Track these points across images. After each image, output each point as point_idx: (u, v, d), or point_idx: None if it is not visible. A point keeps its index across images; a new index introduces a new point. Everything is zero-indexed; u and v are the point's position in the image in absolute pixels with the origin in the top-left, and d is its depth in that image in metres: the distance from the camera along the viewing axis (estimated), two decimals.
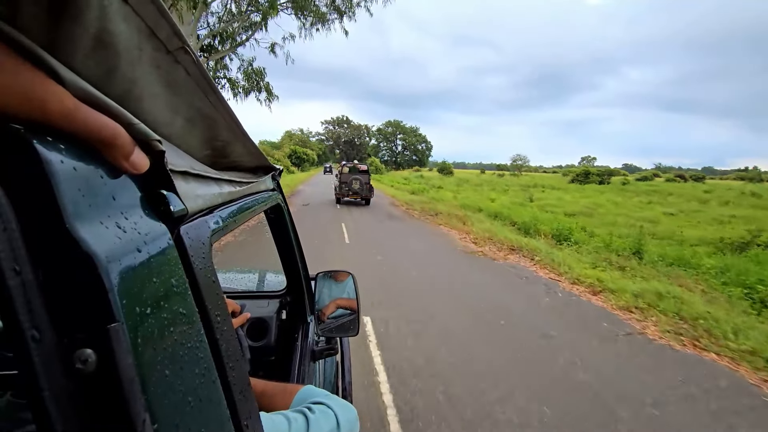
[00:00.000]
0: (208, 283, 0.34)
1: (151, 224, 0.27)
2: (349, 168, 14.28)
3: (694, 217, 17.70)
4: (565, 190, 32.00)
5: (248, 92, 10.93)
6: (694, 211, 19.99)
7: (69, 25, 0.18)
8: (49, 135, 0.19)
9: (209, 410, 0.31)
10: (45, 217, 0.19)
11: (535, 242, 7.46)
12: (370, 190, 13.67)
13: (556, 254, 6.44)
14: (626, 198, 25.94)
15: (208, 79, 0.33)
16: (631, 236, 10.29)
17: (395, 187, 25.90)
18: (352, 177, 13.49)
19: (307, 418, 0.54)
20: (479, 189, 29.59)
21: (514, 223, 10.26)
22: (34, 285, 0.18)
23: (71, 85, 0.20)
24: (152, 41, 0.24)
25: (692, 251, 7.42)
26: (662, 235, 11.35)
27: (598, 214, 16.53)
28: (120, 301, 0.21)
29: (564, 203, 19.95)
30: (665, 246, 8.04)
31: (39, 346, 0.18)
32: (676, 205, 22.24)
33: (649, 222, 15.01)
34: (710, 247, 9.27)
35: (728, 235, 10.50)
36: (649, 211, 18.55)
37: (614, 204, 21.52)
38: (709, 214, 18.91)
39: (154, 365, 0.24)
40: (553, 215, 13.31)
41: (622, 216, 16.24)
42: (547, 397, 2.57)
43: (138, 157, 0.25)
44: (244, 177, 0.63)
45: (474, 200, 17.54)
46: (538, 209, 16.59)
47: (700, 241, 10.32)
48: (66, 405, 0.19)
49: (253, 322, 1.26)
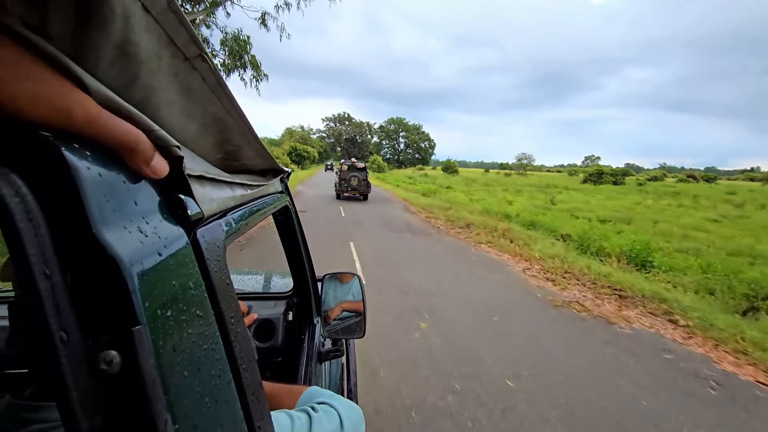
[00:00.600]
0: (223, 286, 0.35)
1: (170, 228, 0.28)
2: (347, 166, 14.97)
3: (742, 224, 15.58)
4: (582, 191, 29.89)
5: (231, 70, 8.79)
6: (738, 217, 17.88)
7: (94, 35, 0.19)
8: (75, 142, 0.20)
9: (225, 411, 0.31)
10: (73, 222, 0.19)
11: (634, 278, 5.21)
12: (367, 186, 14.51)
13: (690, 304, 4.09)
14: (653, 200, 23.84)
15: (222, 84, 0.32)
16: (702, 251, 8.33)
17: (403, 188, 23.83)
18: (351, 174, 14.34)
19: (311, 417, 0.54)
20: (491, 189, 27.49)
21: (562, 237, 8.20)
22: (63, 288, 0.19)
23: (95, 92, 0.20)
24: (171, 49, 0.24)
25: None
26: (733, 250, 9.26)
27: (636, 220, 14.42)
28: (143, 304, 0.21)
29: (591, 207, 17.86)
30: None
31: (67, 348, 0.18)
32: (712, 210, 20.11)
33: (695, 230, 12.95)
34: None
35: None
36: (688, 217, 16.41)
37: (645, 207, 19.45)
38: (756, 220, 16.82)
39: (174, 367, 0.24)
40: (588, 222, 11.33)
41: (663, 222, 14.14)
42: None
43: (158, 163, 0.26)
44: (255, 180, 0.64)
45: (491, 203, 15.53)
46: (564, 213, 14.59)
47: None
48: (92, 405, 0.19)
49: (260, 323, 1.27)
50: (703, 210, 19.64)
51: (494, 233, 8.06)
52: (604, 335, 3.54)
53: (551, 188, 31.65)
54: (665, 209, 19.10)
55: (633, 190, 32.96)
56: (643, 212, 17.07)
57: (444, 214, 10.82)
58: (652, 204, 20.85)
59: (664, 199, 24.85)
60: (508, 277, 5.34)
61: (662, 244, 8.16)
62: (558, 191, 28.23)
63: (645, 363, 3.05)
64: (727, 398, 2.65)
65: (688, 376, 2.90)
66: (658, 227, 12.72)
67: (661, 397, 2.60)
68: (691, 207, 21.09)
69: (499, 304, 4.18)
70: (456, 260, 6.12)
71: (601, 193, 28.26)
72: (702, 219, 16.07)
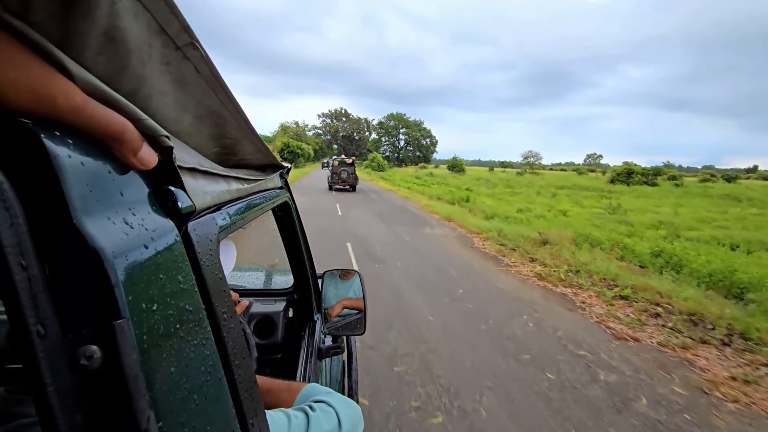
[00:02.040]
0: (215, 280, 0.34)
1: (159, 220, 0.27)
2: (338, 161, 17.96)
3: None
4: (619, 193, 25.72)
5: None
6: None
7: (79, 21, 0.18)
8: (57, 130, 0.19)
9: (215, 408, 0.30)
10: (52, 211, 0.19)
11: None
12: (355, 178, 17.63)
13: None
14: (715, 205, 19.75)
15: (217, 75, 0.31)
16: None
17: (414, 190, 19.43)
18: (341, 168, 17.32)
19: (308, 416, 0.53)
20: (515, 192, 23.25)
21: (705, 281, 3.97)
22: (40, 280, 0.18)
23: (80, 80, 0.20)
24: (161, 37, 0.23)
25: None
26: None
27: (743, 240, 10.17)
28: (126, 297, 0.21)
29: (662, 216, 13.72)
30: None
31: (44, 342, 0.18)
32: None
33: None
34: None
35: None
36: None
37: (724, 217, 15.32)
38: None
39: (160, 362, 0.23)
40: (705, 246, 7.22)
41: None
42: None
43: (146, 153, 0.25)
44: (253, 174, 0.62)
45: (548, 216, 11.32)
46: (644, 228, 10.43)
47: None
48: (70, 401, 0.19)
49: (260, 319, 1.27)
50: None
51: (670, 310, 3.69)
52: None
53: (578, 190, 27.48)
54: (752, 220, 14.98)
55: (674, 192, 28.88)
56: (729, 223, 12.99)
57: (551, 258, 5.92)
58: (740, 212, 16.66)
59: (732, 205, 20.70)
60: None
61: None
62: (597, 194, 24.07)
63: None
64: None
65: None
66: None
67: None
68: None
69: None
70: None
71: (650, 197, 24.07)
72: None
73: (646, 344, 3.46)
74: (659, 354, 3.28)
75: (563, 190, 26.20)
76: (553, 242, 6.87)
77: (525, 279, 5.23)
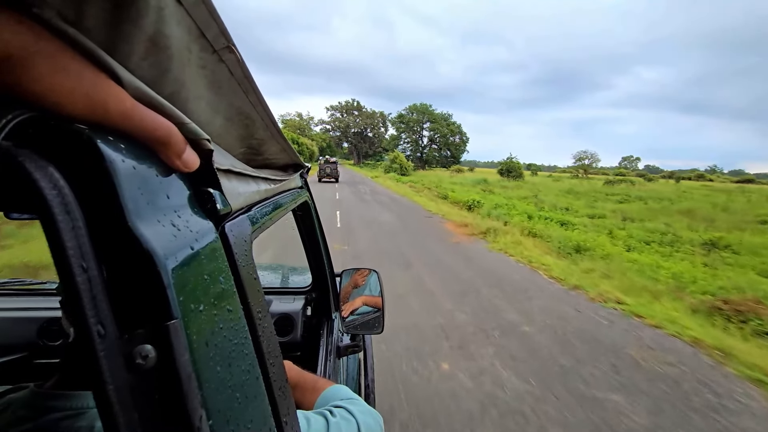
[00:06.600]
0: (250, 280, 0.34)
1: (201, 222, 0.27)
2: (324, 161, 24.41)
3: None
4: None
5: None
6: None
7: (128, 27, 0.19)
8: (109, 135, 0.20)
9: (254, 406, 0.31)
10: (108, 215, 0.19)
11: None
12: (337, 173, 23.95)
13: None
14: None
15: (249, 77, 0.32)
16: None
17: (500, 218, 11.36)
18: (327, 166, 23.65)
19: (327, 422, 0.52)
20: (653, 215, 14.65)
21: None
22: (99, 282, 0.18)
23: (129, 85, 0.20)
24: (200, 42, 0.24)
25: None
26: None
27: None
28: (177, 298, 0.21)
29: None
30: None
31: (104, 342, 0.18)
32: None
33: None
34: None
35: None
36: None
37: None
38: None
39: (208, 362, 0.24)
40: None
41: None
42: None
43: (189, 156, 0.25)
44: (277, 174, 0.63)
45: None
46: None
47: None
48: (128, 399, 0.19)
49: (279, 317, 1.28)
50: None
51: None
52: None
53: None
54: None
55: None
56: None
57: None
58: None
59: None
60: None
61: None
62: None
63: None
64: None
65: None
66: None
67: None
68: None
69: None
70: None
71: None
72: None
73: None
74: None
75: (680, 214, 17.16)
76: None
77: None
